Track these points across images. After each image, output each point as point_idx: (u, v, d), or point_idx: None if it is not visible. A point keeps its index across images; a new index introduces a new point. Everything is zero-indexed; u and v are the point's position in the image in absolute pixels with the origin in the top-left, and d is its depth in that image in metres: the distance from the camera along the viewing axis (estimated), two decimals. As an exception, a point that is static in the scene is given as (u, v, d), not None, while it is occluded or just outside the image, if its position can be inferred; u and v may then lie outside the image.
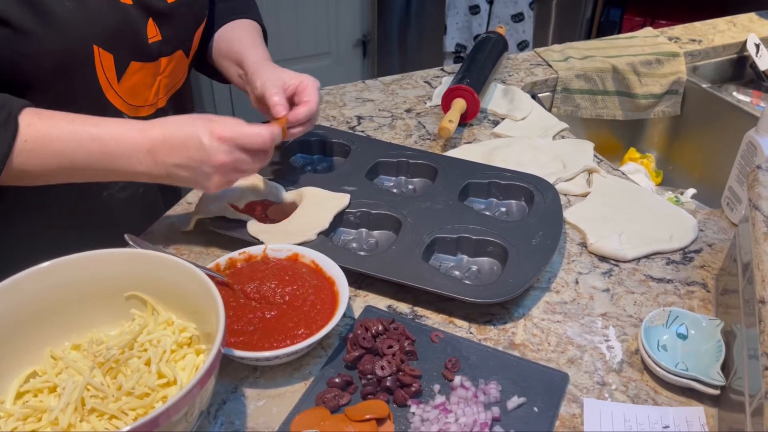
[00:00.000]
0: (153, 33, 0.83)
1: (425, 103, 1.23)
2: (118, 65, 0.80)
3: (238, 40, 0.96)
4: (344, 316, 0.71)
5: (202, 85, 2.86)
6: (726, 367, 0.65)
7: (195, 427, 0.57)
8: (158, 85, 0.87)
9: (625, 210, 0.92)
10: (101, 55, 0.77)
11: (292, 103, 0.89)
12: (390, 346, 0.68)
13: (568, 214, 0.91)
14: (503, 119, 1.17)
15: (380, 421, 0.61)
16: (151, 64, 0.84)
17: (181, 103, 0.95)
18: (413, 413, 0.63)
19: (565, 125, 1.15)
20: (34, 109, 0.70)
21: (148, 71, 0.84)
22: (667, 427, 0.63)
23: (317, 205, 0.87)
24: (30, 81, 0.75)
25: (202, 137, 0.72)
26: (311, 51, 2.86)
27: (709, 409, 0.65)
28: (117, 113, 0.83)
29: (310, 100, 0.87)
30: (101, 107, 0.80)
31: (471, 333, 0.73)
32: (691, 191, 1.28)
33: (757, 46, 1.46)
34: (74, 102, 0.77)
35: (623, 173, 1.03)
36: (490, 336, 0.73)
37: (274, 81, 0.88)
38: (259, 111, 0.94)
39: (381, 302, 0.77)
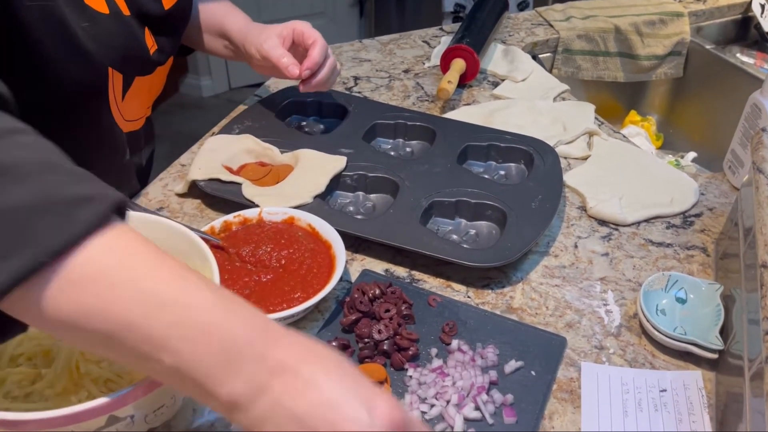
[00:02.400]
0: (151, 44, 0.79)
1: (423, 64, 1.20)
2: (125, 83, 0.76)
3: (212, 12, 0.93)
4: (341, 279, 0.71)
5: (197, 54, 2.82)
6: (724, 332, 0.65)
7: (191, 390, 0.57)
8: (149, 95, 0.85)
9: (625, 173, 0.91)
10: (114, 76, 0.73)
11: (295, 53, 0.87)
12: (387, 310, 0.67)
13: (568, 178, 0.90)
14: (503, 80, 1.15)
15: (377, 384, 0.61)
16: (150, 76, 0.81)
17: (174, 72, 0.92)
18: (410, 377, 0.63)
19: (566, 87, 1.12)
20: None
21: (145, 84, 0.81)
22: (665, 390, 0.63)
23: (313, 167, 0.85)
24: (46, 110, 0.67)
25: (370, 389, 0.42)
26: (306, 11, 2.81)
27: (706, 372, 0.65)
28: (118, 132, 0.79)
29: (316, 40, 0.85)
30: (107, 129, 0.77)
31: (469, 297, 0.73)
32: (692, 155, 1.26)
33: (763, 6, 1.43)
34: (85, 129, 0.73)
35: (624, 136, 1.02)
36: (487, 300, 0.73)
37: (271, 41, 0.86)
38: (263, 74, 0.92)
39: (378, 266, 0.77)
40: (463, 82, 1.11)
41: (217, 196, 0.82)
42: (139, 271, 0.41)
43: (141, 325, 0.39)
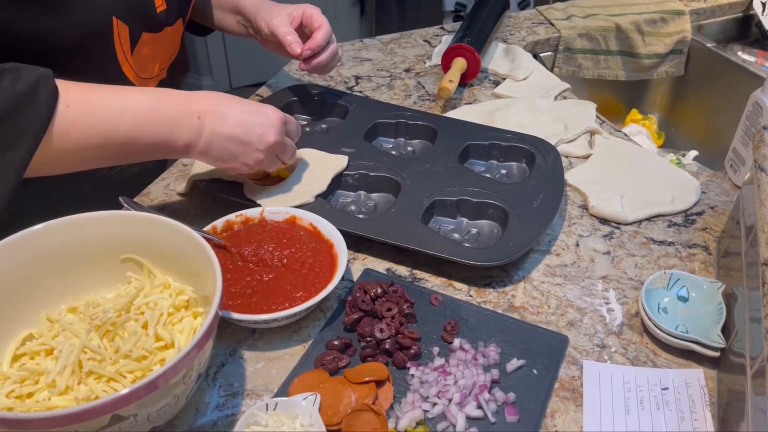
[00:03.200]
0: (160, 2, 0.80)
1: (425, 63, 1.20)
2: (132, 37, 0.78)
3: None
4: (343, 278, 0.71)
5: (198, 53, 2.81)
6: (726, 330, 0.65)
7: (193, 389, 0.57)
8: (162, 56, 0.85)
9: (626, 172, 0.91)
10: (119, 27, 0.75)
11: (302, 35, 0.90)
12: (389, 309, 0.67)
13: (570, 176, 0.90)
14: (504, 79, 1.15)
15: (379, 383, 0.61)
16: (158, 34, 0.82)
17: (175, 72, 0.93)
18: (412, 375, 0.63)
19: (567, 86, 1.12)
20: (66, 80, 0.65)
21: (155, 42, 0.82)
22: (666, 388, 0.63)
23: (315, 167, 0.85)
24: (51, 56, 0.70)
25: (264, 109, 0.73)
26: (307, 10, 2.80)
27: (708, 371, 0.65)
28: (129, 84, 0.81)
29: (322, 24, 0.90)
30: (117, 81, 0.78)
31: (470, 296, 0.73)
32: (693, 153, 1.26)
33: (764, 4, 1.43)
34: (92, 76, 0.73)
35: (625, 135, 1.02)
36: (489, 299, 0.73)
37: (280, 19, 0.90)
38: (268, 49, 0.94)
39: (380, 265, 0.77)
40: (464, 81, 1.11)
41: (219, 196, 0.82)
42: (92, 104, 0.64)
43: (116, 130, 0.65)
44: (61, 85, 0.62)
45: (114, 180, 0.88)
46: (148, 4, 0.78)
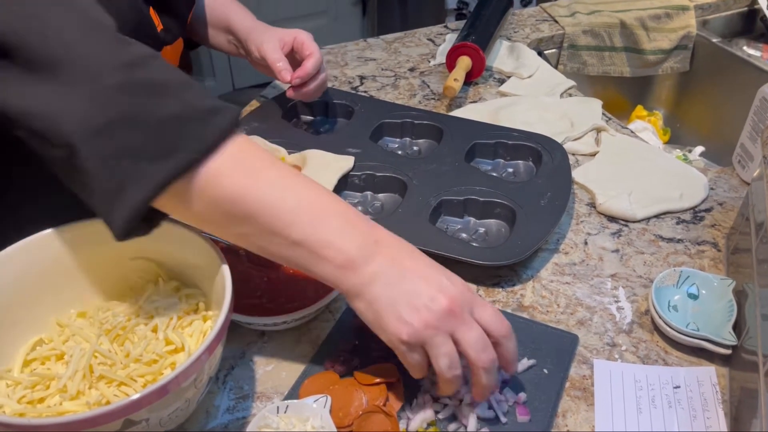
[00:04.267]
0: (157, 22, 0.80)
1: (429, 62, 1.20)
2: None
3: (217, 7, 0.96)
4: (351, 280, 0.70)
5: (200, 54, 2.82)
6: (737, 327, 0.65)
7: (204, 393, 0.57)
8: None
9: (634, 169, 0.91)
10: None
11: (292, 61, 0.89)
12: (398, 310, 0.67)
13: (577, 174, 0.90)
14: (509, 77, 1.15)
15: (390, 384, 0.61)
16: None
17: None
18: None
19: (572, 83, 1.12)
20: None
21: None
22: (678, 387, 0.62)
23: (321, 167, 0.85)
24: None
25: (453, 275, 0.56)
26: (308, 9, 2.80)
27: (720, 368, 0.64)
28: None
29: (313, 52, 0.89)
30: None
31: (479, 295, 0.73)
32: (700, 149, 1.26)
33: (769, -2, 1.42)
34: None
35: (632, 131, 1.01)
36: (498, 298, 0.72)
37: (271, 44, 0.89)
38: (258, 71, 0.94)
39: (388, 265, 0.76)
40: (469, 79, 1.10)
41: (226, 198, 0.82)
42: (266, 165, 0.53)
43: (274, 206, 0.52)
44: (244, 137, 0.54)
45: None
46: (150, 24, 0.78)
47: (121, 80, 0.49)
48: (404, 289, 0.53)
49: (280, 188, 0.53)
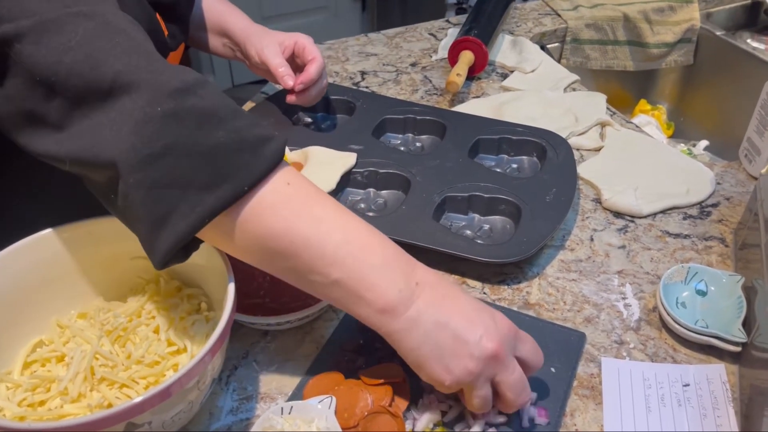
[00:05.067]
0: (163, 28, 0.79)
1: (431, 57, 1.19)
2: None
3: (213, 10, 0.94)
4: (355, 278, 0.70)
5: (201, 55, 2.80)
6: (747, 324, 0.64)
7: (207, 394, 0.56)
8: None
9: (639, 164, 0.90)
10: None
11: (292, 64, 0.89)
12: (403, 309, 0.66)
13: (582, 169, 0.89)
14: (512, 72, 1.14)
15: (395, 384, 0.60)
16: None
17: None
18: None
19: (576, 77, 1.11)
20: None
21: None
22: (688, 385, 0.62)
23: (323, 164, 0.84)
24: None
25: (494, 312, 0.55)
26: (308, 5, 2.79)
27: (729, 366, 0.63)
28: None
29: (315, 57, 0.87)
30: None
31: (485, 293, 0.72)
32: (704, 143, 1.25)
33: (773, -10, 1.41)
34: None
35: (636, 126, 1.00)
36: (504, 296, 0.72)
37: (271, 48, 0.88)
38: (257, 75, 0.93)
39: (392, 263, 0.76)
40: (472, 74, 1.09)
41: (227, 196, 0.81)
42: (311, 200, 0.52)
43: (317, 244, 0.50)
44: (291, 169, 0.52)
45: None
46: (159, 31, 0.77)
47: (171, 108, 0.47)
48: (448, 335, 0.51)
49: (324, 224, 0.51)
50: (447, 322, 0.51)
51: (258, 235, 0.50)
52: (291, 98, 0.89)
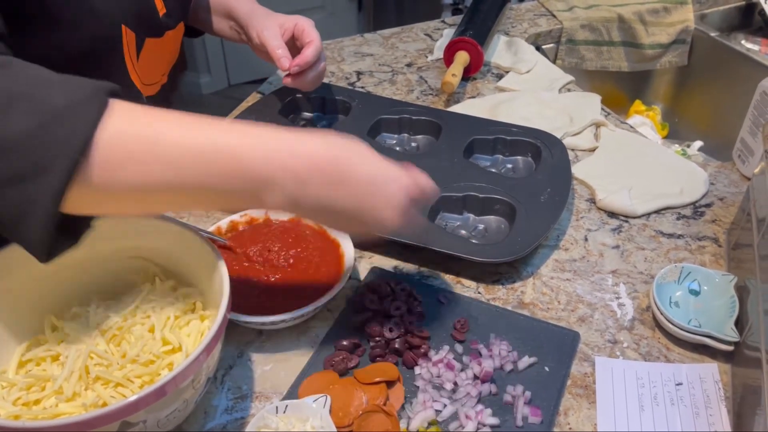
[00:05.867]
0: (160, 6, 0.78)
1: (426, 57, 1.19)
2: (137, 43, 0.76)
3: None
4: (350, 278, 0.70)
5: (195, 50, 2.80)
6: (740, 323, 0.64)
7: (202, 393, 0.56)
8: (162, 60, 0.84)
9: (634, 164, 0.90)
10: (127, 35, 0.73)
11: (291, 48, 0.88)
12: (397, 308, 0.66)
13: (576, 170, 0.89)
14: (507, 72, 1.14)
15: (390, 383, 0.61)
16: (160, 39, 0.80)
17: (173, 71, 0.92)
18: (419, 374, 0.62)
19: (570, 78, 1.11)
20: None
21: (157, 47, 0.81)
22: (680, 384, 0.62)
23: (319, 164, 0.84)
24: (59, 66, 0.60)
25: (399, 170, 0.56)
26: (305, 4, 2.79)
27: (722, 365, 0.64)
28: (137, 93, 0.79)
29: (313, 39, 0.87)
30: (125, 90, 0.77)
31: (479, 293, 0.72)
32: (698, 144, 1.25)
33: (767, -8, 1.42)
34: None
35: (631, 126, 1.01)
36: (498, 295, 0.72)
37: (271, 30, 0.88)
38: (260, 57, 0.93)
39: (387, 263, 0.76)
40: (467, 74, 1.10)
41: (223, 196, 0.81)
42: (156, 121, 0.48)
43: (183, 171, 0.48)
44: (125, 107, 0.48)
45: None
46: (152, 9, 0.77)
47: None
48: (363, 204, 0.53)
49: (180, 145, 0.48)
50: (371, 179, 0.53)
51: (128, 189, 0.47)
52: (287, 80, 0.89)
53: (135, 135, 0.47)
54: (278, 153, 0.50)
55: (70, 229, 0.49)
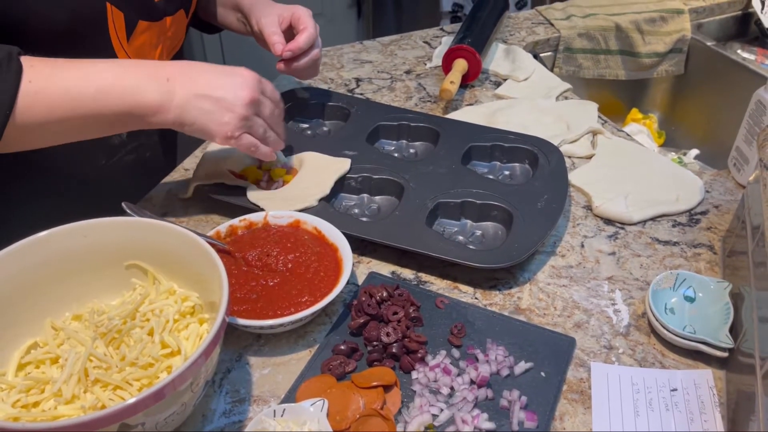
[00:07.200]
0: None
1: (425, 64, 1.20)
2: (128, 24, 0.77)
3: None
4: (348, 282, 0.70)
5: (192, 40, 2.80)
6: (734, 330, 0.65)
7: (200, 396, 0.56)
8: (162, 46, 0.85)
9: (630, 172, 0.91)
10: (113, 13, 0.74)
11: (290, 37, 0.90)
12: (395, 313, 0.67)
13: (573, 177, 0.90)
14: (505, 80, 1.15)
15: (387, 387, 0.61)
16: (156, 23, 0.81)
17: None
18: (416, 379, 0.62)
19: (568, 86, 1.12)
20: (31, 56, 0.66)
21: (154, 31, 0.82)
22: (675, 390, 0.62)
23: (318, 170, 0.85)
24: (40, 41, 0.70)
25: (237, 69, 0.72)
26: (304, 12, 2.79)
27: (716, 371, 0.64)
28: None
29: (307, 27, 0.89)
30: None
31: (476, 298, 0.73)
32: (694, 152, 1.26)
33: (763, 2, 1.43)
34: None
35: (627, 134, 1.01)
36: (495, 301, 0.72)
37: (269, 18, 0.89)
38: (262, 47, 0.94)
39: (385, 268, 0.76)
40: (465, 82, 1.10)
41: (222, 201, 0.81)
42: (59, 71, 0.65)
43: (81, 101, 0.65)
44: (26, 61, 0.64)
45: (106, 173, 0.88)
46: None
47: None
48: (211, 100, 0.69)
49: (74, 86, 0.65)
50: (204, 92, 0.69)
51: (39, 119, 0.64)
52: (280, 66, 0.91)
53: (39, 80, 0.63)
54: (148, 69, 0.69)
55: None
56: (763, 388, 0.52)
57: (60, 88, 0.64)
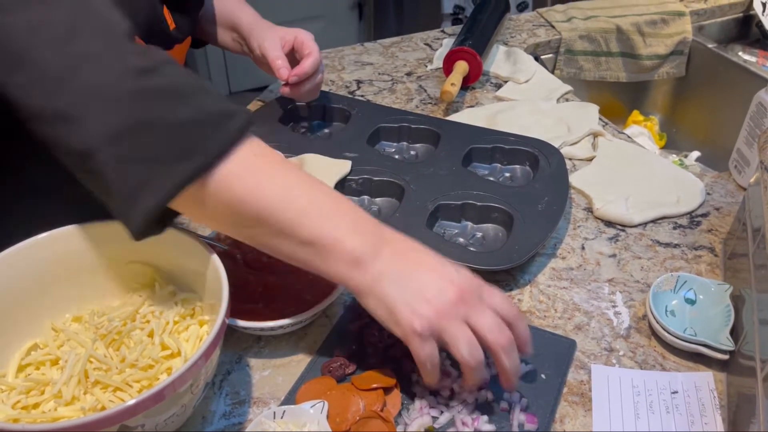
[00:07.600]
0: (170, 21, 0.80)
1: (426, 66, 1.20)
2: None
3: (226, 5, 0.96)
4: (348, 284, 0.70)
5: (197, 58, 2.81)
6: (735, 332, 0.65)
7: (200, 398, 0.56)
8: None
9: (631, 174, 0.91)
10: None
11: (292, 60, 0.90)
12: (395, 315, 0.67)
13: (574, 179, 0.90)
14: (506, 82, 1.15)
15: (387, 390, 0.61)
16: (168, 52, 0.81)
17: None
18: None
19: (569, 88, 1.12)
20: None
21: None
22: (676, 392, 0.62)
23: (318, 172, 0.85)
24: None
25: (451, 267, 0.57)
26: (305, 13, 2.81)
27: (717, 374, 0.64)
28: None
29: (312, 52, 0.90)
30: None
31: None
32: (696, 154, 1.26)
33: (764, 4, 1.43)
34: None
35: (628, 136, 1.01)
36: (496, 303, 0.72)
37: (272, 42, 0.90)
38: (261, 69, 0.94)
39: (385, 270, 0.76)
40: (466, 84, 1.10)
41: (223, 202, 0.81)
42: (277, 170, 0.55)
43: (284, 207, 0.54)
44: (257, 140, 0.56)
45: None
46: (163, 22, 0.78)
47: (135, 86, 0.51)
48: (414, 282, 0.54)
49: (290, 190, 0.55)
50: (413, 272, 0.55)
51: (227, 204, 0.54)
52: (285, 90, 0.91)
53: (260, 164, 0.55)
54: (370, 220, 0.58)
55: (161, 218, 0.54)
56: (763, 391, 0.52)
57: (270, 184, 0.54)
